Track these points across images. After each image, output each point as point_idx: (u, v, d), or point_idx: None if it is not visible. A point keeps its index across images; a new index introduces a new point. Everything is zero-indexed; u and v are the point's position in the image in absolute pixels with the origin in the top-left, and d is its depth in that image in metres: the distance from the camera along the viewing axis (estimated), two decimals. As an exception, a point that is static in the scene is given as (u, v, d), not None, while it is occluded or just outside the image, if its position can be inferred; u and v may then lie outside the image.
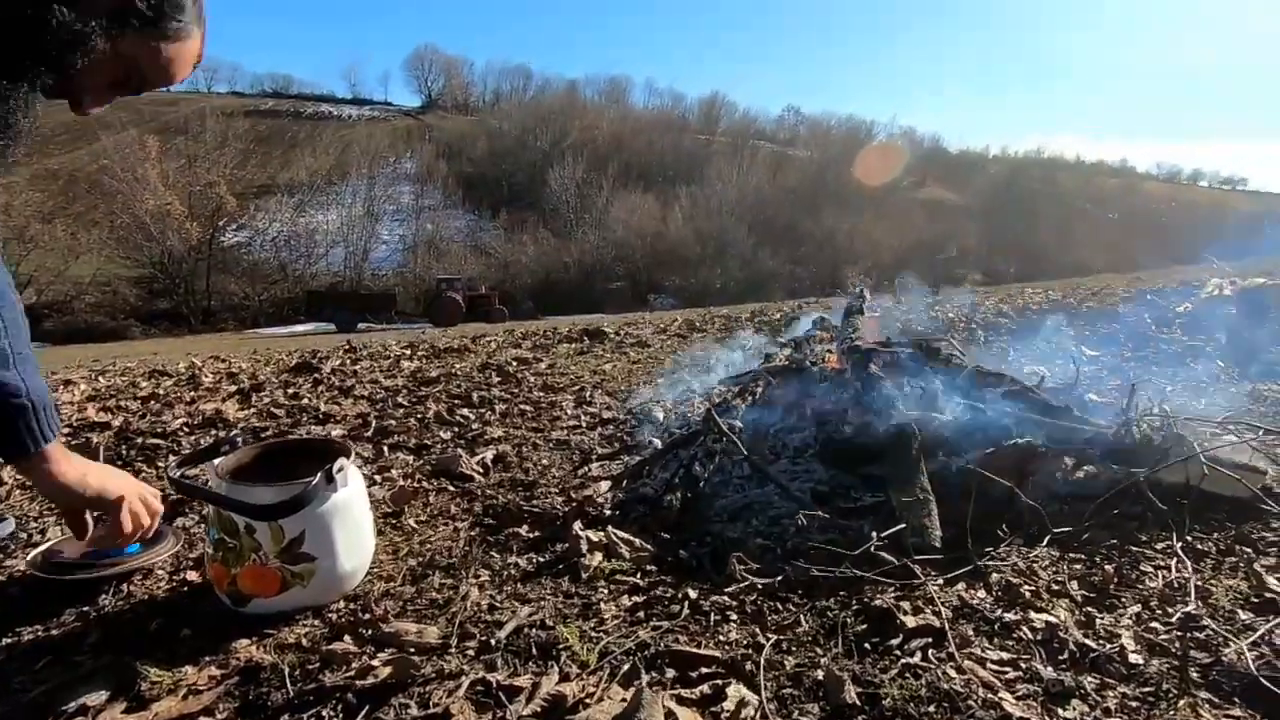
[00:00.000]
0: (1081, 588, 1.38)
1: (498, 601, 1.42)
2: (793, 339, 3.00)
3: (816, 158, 58.65)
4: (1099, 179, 68.76)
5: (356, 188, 45.35)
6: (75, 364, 6.81)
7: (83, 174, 40.10)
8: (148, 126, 42.95)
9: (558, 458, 2.30)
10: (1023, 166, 68.86)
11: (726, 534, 1.71)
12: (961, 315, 5.20)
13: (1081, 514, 1.68)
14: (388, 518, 1.83)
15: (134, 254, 34.44)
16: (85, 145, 43.52)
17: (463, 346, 5.24)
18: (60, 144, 46.93)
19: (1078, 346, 3.73)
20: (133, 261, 34.80)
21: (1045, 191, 55.69)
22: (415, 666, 1.18)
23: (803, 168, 55.97)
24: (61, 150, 45.90)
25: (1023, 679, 1.12)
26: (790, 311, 7.28)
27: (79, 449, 2.42)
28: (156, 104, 56.96)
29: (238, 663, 1.22)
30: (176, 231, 33.86)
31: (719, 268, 41.48)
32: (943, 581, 1.41)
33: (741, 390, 2.29)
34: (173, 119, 48.12)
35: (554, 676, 1.16)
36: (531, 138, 56.01)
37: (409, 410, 2.91)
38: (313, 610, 1.39)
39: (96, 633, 1.34)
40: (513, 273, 40.02)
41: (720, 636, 1.27)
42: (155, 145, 36.20)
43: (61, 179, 40.73)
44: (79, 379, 4.45)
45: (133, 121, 44.10)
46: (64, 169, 42.14)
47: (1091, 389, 2.65)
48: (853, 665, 1.17)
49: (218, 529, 1.36)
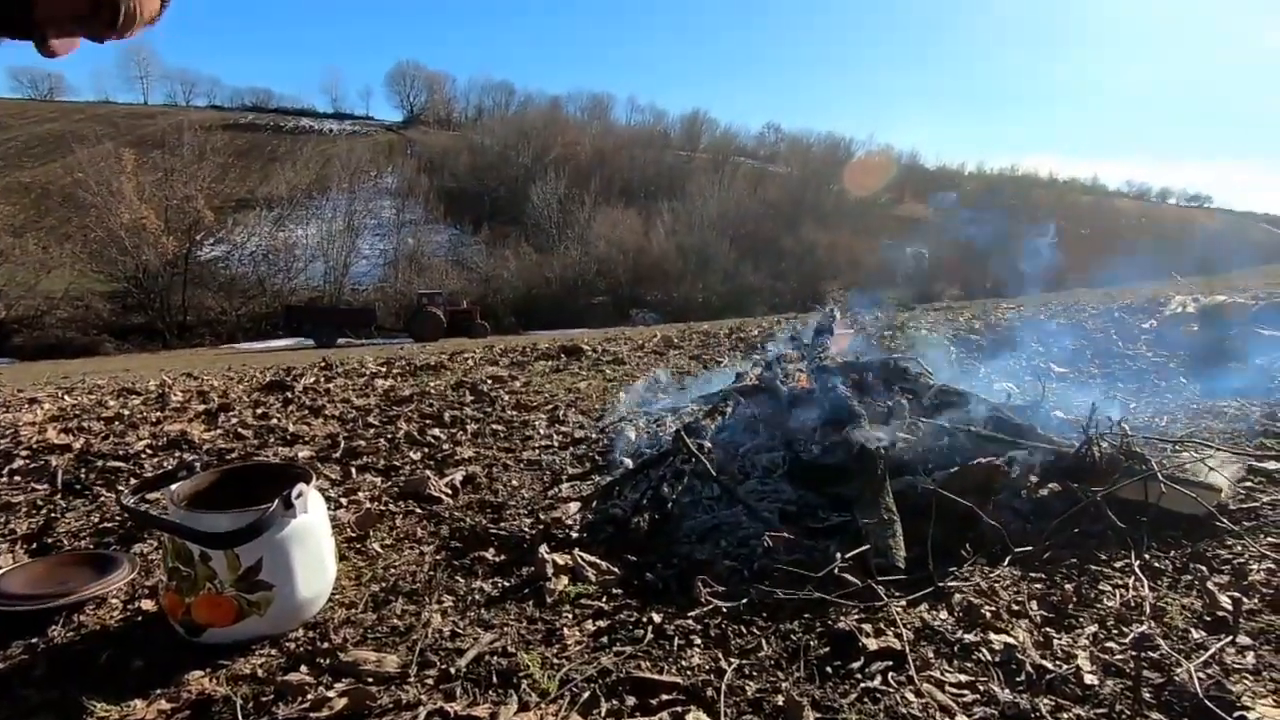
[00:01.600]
0: (1041, 607, 1.40)
1: (460, 628, 1.40)
2: (763, 358, 3.02)
3: (796, 174, 59.33)
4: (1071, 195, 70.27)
5: (337, 202, 45.03)
6: (44, 381, 6.66)
7: (56, 187, 39.46)
8: (124, 140, 42.40)
9: (528, 478, 2.29)
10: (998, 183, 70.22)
11: (695, 555, 1.70)
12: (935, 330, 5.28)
13: (1044, 532, 1.70)
14: (351, 542, 1.81)
15: (108, 268, 33.84)
16: (59, 158, 42.87)
17: (439, 364, 5.20)
18: (33, 156, 46.21)
19: (1046, 364, 3.79)
20: (106, 276, 34.18)
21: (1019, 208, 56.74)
22: (372, 697, 1.16)
23: (783, 183, 56.54)
24: (34, 163, 45.18)
25: (980, 702, 1.12)
26: (769, 328, 7.32)
27: (36, 472, 2.37)
28: (133, 117, 56.41)
29: (189, 695, 1.20)
30: (152, 246, 33.35)
31: (701, 282, 41.68)
32: (906, 603, 1.42)
33: (712, 410, 2.30)
34: (150, 132, 47.58)
35: (513, 706, 1.15)
36: (514, 153, 56.09)
37: (379, 430, 2.88)
38: (270, 639, 1.36)
39: (44, 665, 1.31)
40: (494, 287, 39.87)
41: (683, 662, 1.27)
42: (131, 158, 35.70)
43: (34, 192, 40.03)
44: (44, 397, 4.35)
45: (108, 135, 43.56)
46: (36, 182, 41.45)
47: (1058, 406, 2.69)
48: (813, 690, 1.17)
49: (173, 557, 1.34)
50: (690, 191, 48.55)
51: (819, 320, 3.54)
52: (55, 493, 2.16)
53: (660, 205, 47.24)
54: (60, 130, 48.90)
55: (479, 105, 74.82)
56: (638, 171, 58.25)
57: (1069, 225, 51.77)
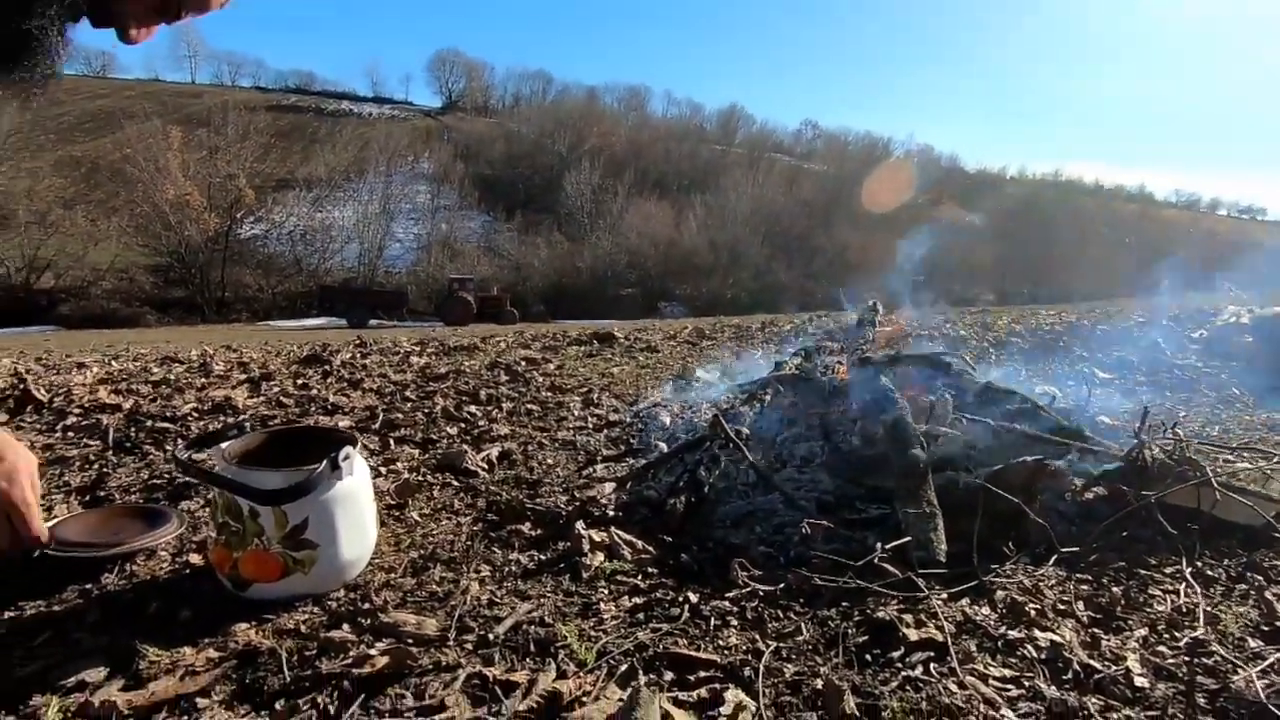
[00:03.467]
0: (1088, 608, 1.36)
1: (497, 597, 1.41)
2: (803, 348, 2.99)
3: (832, 172, 58.66)
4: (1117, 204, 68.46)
5: (374, 185, 45.64)
6: (89, 348, 6.88)
7: (105, 162, 40.56)
8: (171, 117, 43.45)
9: (563, 457, 2.30)
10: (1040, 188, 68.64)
11: (729, 540, 1.70)
12: (974, 333, 5.18)
13: (1089, 535, 1.66)
14: (391, 509, 1.83)
15: (152, 242, 34.79)
16: (109, 134, 44.10)
17: (472, 345, 5.25)
18: (85, 131, 47.56)
19: (1090, 369, 3.70)
20: (150, 250, 35.14)
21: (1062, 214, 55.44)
22: (412, 657, 1.18)
23: (818, 181, 55.95)
24: (86, 138, 46.50)
25: (1025, 697, 1.10)
26: (801, 324, 7.26)
27: (88, 429, 2.44)
28: (181, 95, 57.70)
29: (236, 646, 1.22)
30: (194, 222, 34.19)
31: (731, 278, 41.50)
32: (946, 596, 1.40)
33: (750, 397, 2.29)
34: (196, 111, 48.69)
35: (551, 673, 1.15)
36: (549, 142, 56.30)
37: (416, 405, 2.91)
38: (313, 597, 1.39)
39: (97, 611, 1.35)
40: (525, 275, 40.15)
41: (719, 641, 1.26)
42: (178, 136, 36.62)
43: (84, 166, 41.20)
44: (92, 362, 4.49)
45: (156, 112, 44.68)
46: (87, 156, 42.64)
47: (1103, 411, 2.62)
48: (853, 676, 1.16)
49: (222, 512, 1.37)
50: (724, 186, 48.27)
51: (860, 313, 3.50)
52: (106, 449, 2.22)
53: (693, 199, 47.09)
54: (111, 106, 50.22)
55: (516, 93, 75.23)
56: (672, 164, 58.07)
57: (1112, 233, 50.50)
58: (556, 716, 1.04)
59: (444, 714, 1.05)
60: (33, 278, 30.61)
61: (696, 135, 66.51)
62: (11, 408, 2.61)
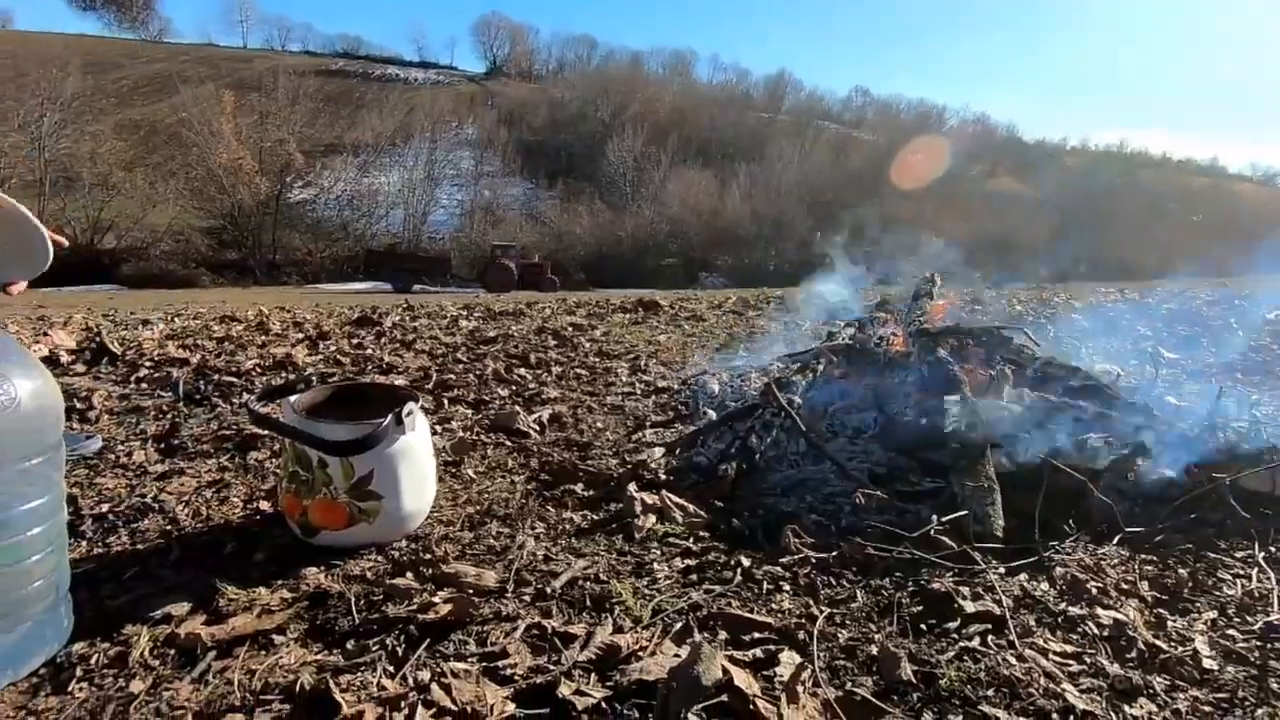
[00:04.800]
0: (1153, 589, 1.33)
1: (552, 553, 1.45)
2: (856, 319, 2.94)
3: (883, 142, 56.82)
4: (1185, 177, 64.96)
5: (419, 151, 45.94)
6: (150, 306, 7.16)
7: (163, 125, 41.66)
8: (224, 81, 44.27)
9: (612, 422, 2.32)
10: (1102, 161, 65.48)
11: (780, 507, 1.70)
12: (1030, 309, 5.01)
13: (1154, 516, 1.62)
14: (448, 466, 1.88)
15: (206, 205, 35.74)
16: (166, 98, 45.17)
17: (518, 310, 5.31)
18: (143, 95, 48.80)
19: (1155, 348, 3.55)
20: (205, 212, 36.12)
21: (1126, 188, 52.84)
22: (474, 606, 1.22)
23: (868, 151, 54.30)
24: (144, 101, 47.73)
25: (1087, 673, 1.09)
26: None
27: (159, 381, 2.55)
28: (233, 60, 58.66)
29: (307, 588, 1.28)
30: (247, 185, 34.98)
31: (774, 249, 40.85)
32: (1004, 571, 1.38)
33: (802, 367, 2.26)
34: (248, 75, 49.50)
35: (608, 628, 1.18)
36: (592, 108, 55.72)
37: (468, 366, 2.97)
38: (376, 546, 1.44)
39: (177, 550, 1.42)
40: (566, 243, 40.12)
41: (773, 605, 1.27)
42: (231, 100, 37.29)
43: (143, 129, 42.37)
44: (157, 319, 4.67)
45: (210, 76, 45.56)
46: (145, 120, 43.82)
47: (1169, 392, 2.53)
48: (908, 644, 1.16)
49: (292, 462, 1.42)
50: (769, 155, 47.24)
51: (917, 285, 3.42)
52: (178, 400, 2.32)
53: (737, 168, 46.24)
54: (167, 71, 51.34)
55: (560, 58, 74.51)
56: (716, 132, 57.00)
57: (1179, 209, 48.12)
58: (615, 668, 1.06)
59: (506, 660, 1.09)
60: (96, 238, 31.81)
61: (742, 102, 65.02)
62: (88, 359, 2.75)
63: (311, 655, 1.10)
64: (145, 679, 1.02)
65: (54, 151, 32.08)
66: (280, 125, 38.19)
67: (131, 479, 1.74)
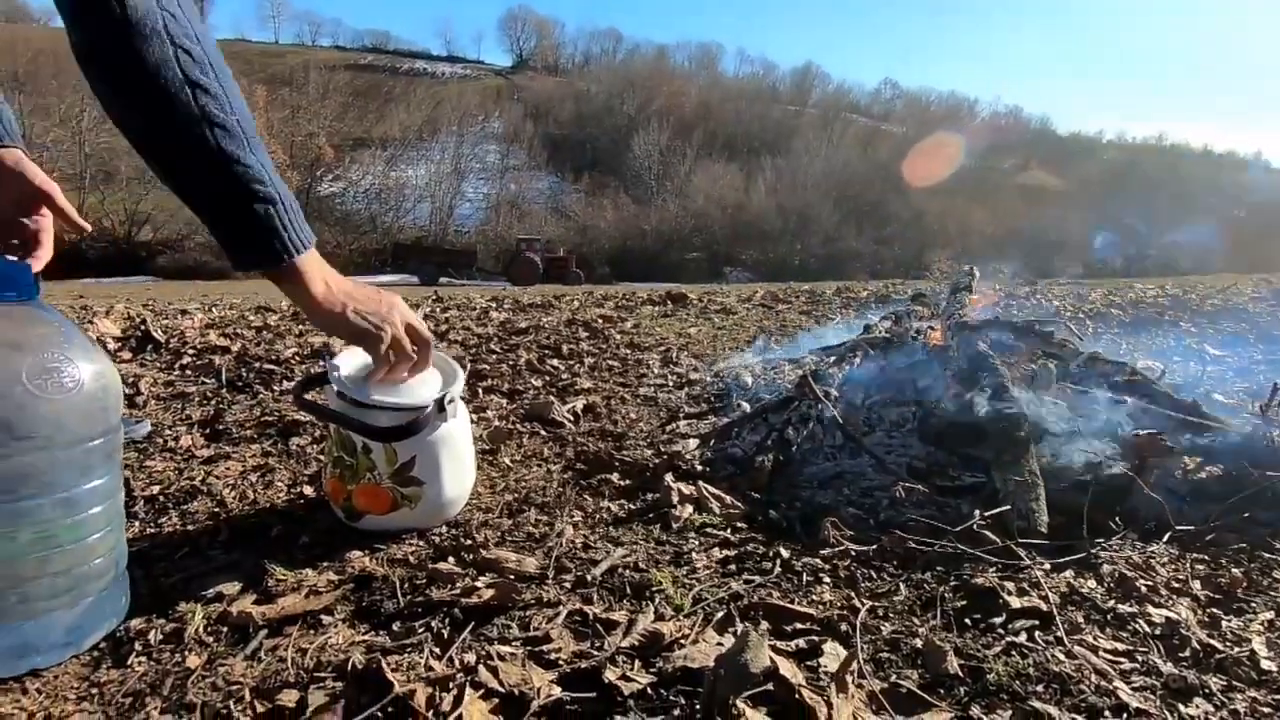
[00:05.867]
0: (1205, 588, 1.30)
1: (591, 541, 1.45)
2: (892, 311, 2.91)
3: (911, 134, 55.99)
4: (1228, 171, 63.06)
5: (445, 145, 46.35)
6: (187, 297, 7.33)
7: (198, 120, 42.44)
8: (257, 76, 45.00)
9: (645, 413, 2.33)
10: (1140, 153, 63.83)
11: (817, 500, 1.69)
12: (1067, 305, 4.91)
13: (1204, 515, 1.58)
14: (485, 454, 1.90)
15: (240, 199, 36.40)
16: (201, 93, 45.98)
17: (546, 303, 5.33)
18: (179, 91, 49.76)
19: (1200, 344, 3.46)
20: (239, 206, 36.77)
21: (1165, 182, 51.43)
22: (517, 591, 1.23)
23: (896, 144, 53.56)
24: (180, 97, 48.68)
25: (1139, 671, 1.07)
26: (877, 290, 7.05)
27: (203, 368, 2.61)
28: (265, 55, 59.60)
29: (352, 571, 1.30)
30: (278, 179, 35.58)
31: (799, 244, 40.54)
32: (1049, 567, 1.36)
33: (838, 359, 2.25)
34: (279, 70, 50.24)
35: (649, 615, 1.18)
36: (618, 102, 55.70)
37: (501, 357, 2.99)
38: (418, 531, 1.46)
39: (226, 531, 1.46)
40: (590, 237, 40.21)
41: (813, 596, 1.27)
42: (263, 95, 37.95)
43: (179, 124, 43.17)
44: (195, 309, 4.78)
45: (243, 72, 46.29)
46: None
47: (1217, 389, 2.46)
48: (953, 638, 1.14)
49: (337, 447, 1.44)
50: (796, 149, 46.84)
51: (956, 278, 3.36)
52: (221, 387, 2.37)
53: (763, 162, 45.94)
54: (202, 66, 52.20)
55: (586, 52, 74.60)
56: (742, 126, 56.66)
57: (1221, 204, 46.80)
58: (658, 654, 1.07)
59: (550, 645, 1.09)
60: (133, 230, 32.58)
61: (769, 95, 64.47)
62: (134, 346, 2.82)
63: (359, 636, 1.12)
64: (201, 655, 1.05)
65: (93, 146, 32.91)
66: (311, 119, 38.78)
67: (180, 462, 1.78)
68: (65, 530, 1.00)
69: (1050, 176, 54.46)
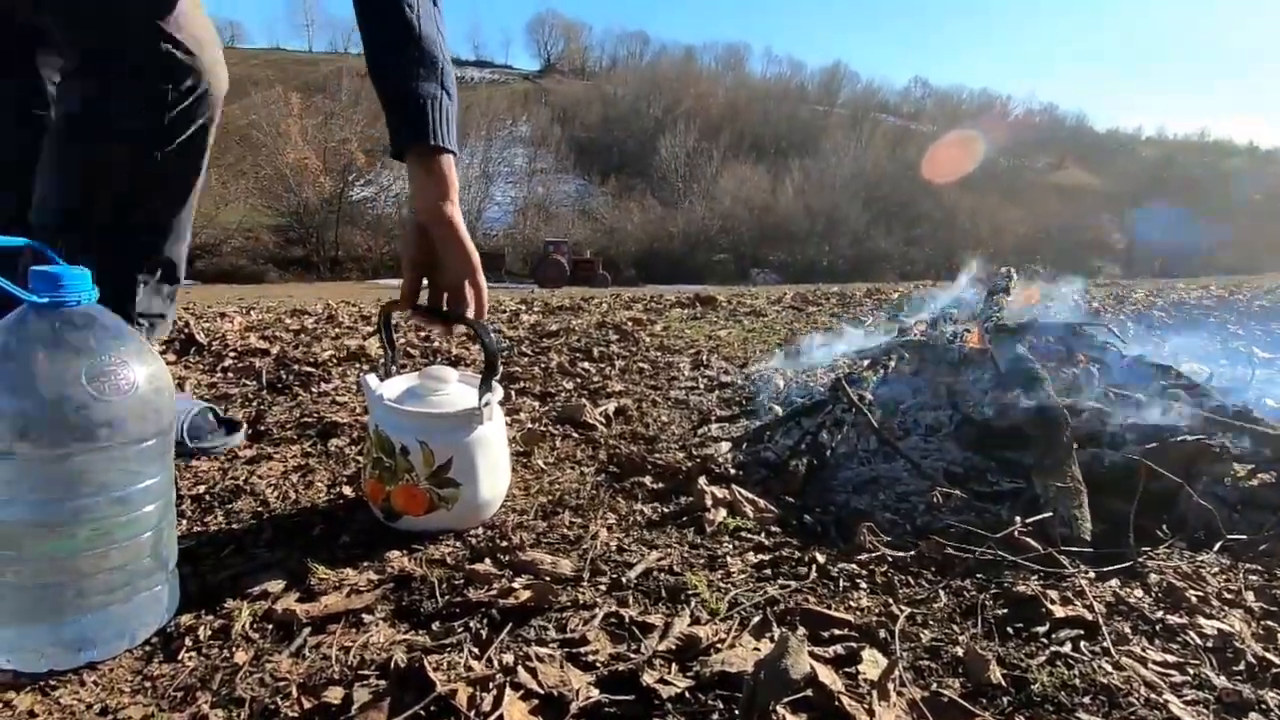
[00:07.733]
0: (1259, 600, 1.26)
1: (625, 544, 1.46)
2: (928, 314, 2.87)
3: (942, 133, 55.12)
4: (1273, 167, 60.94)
5: (474, 149, 46.85)
6: (224, 300, 7.51)
7: (234, 127, 43.58)
8: (291, 84, 45.99)
9: (677, 416, 2.33)
10: (1181, 150, 62.05)
11: (852, 505, 1.68)
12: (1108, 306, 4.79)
13: (1255, 524, 1.53)
14: (518, 457, 1.91)
15: (274, 204, 37.28)
16: (237, 100, 47.18)
17: (575, 306, 5.36)
18: (217, 99, 51.10)
19: (1248, 347, 3.35)
20: (273, 211, 37.67)
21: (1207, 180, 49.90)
22: (554, 593, 1.23)
23: (926, 143, 52.79)
24: (217, 105, 50.00)
25: (1190, 684, 1.04)
26: (909, 292, 6.96)
27: (244, 370, 2.67)
28: (300, 63, 60.87)
29: (391, 571, 1.32)
30: (312, 184, 36.35)
31: (827, 245, 40.18)
32: (1094, 575, 1.33)
33: (872, 363, 2.22)
34: (313, 78, 51.31)
35: (685, 619, 1.18)
36: (645, 104, 55.82)
37: (533, 360, 3.01)
38: (454, 533, 1.48)
39: (269, 530, 1.49)
40: (617, 239, 40.31)
41: (850, 602, 1.25)
42: (297, 102, 38.80)
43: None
44: (234, 312, 4.89)
45: (278, 79, 47.36)
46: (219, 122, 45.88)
47: (1267, 393, 2.38)
48: (995, 647, 1.13)
49: (376, 449, 1.47)
50: (824, 149, 46.44)
51: (994, 280, 3.31)
52: (261, 389, 2.43)
53: (791, 163, 45.65)
54: (239, 75, 53.42)
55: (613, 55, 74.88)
56: (770, 126, 56.35)
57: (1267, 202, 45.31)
58: (695, 658, 1.07)
59: (587, 647, 1.10)
60: (173, 235, 33.48)
61: (796, 96, 64.02)
62: (178, 349, 2.90)
63: (400, 635, 1.14)
64: (248, 651, 1.07)
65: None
66: (344, 125, 39.47)
67: (223, 462, 1.83)
68: (120, 528, 1.03)
69: (1087, 174, 53.20)
